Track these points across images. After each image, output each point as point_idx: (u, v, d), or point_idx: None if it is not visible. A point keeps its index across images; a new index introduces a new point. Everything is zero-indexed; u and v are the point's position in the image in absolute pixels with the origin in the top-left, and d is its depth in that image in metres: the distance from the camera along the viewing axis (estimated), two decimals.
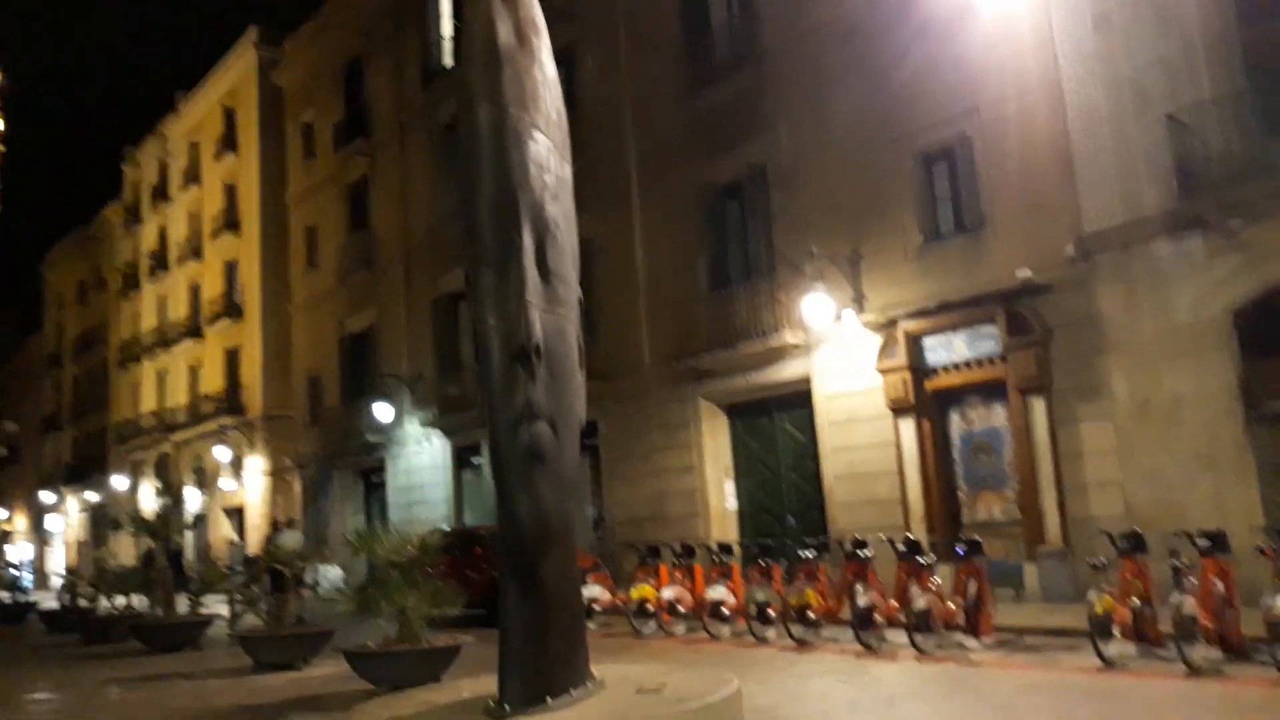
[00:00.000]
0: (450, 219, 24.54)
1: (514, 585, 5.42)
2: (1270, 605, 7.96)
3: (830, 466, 15.63)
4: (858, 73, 15.39)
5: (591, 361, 21.26)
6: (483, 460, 23.52)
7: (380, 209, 27.86)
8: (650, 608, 13.34)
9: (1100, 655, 8.78)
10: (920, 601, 10.16)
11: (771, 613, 11.80)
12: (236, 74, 36.72)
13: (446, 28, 25.91)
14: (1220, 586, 8.88)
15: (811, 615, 11.39)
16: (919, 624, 10.12)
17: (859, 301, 15.12)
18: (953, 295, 13.93)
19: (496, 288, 5.37)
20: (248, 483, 33.96)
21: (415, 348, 25.88)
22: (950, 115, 14.24)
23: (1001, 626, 10.79)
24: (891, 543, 11.66)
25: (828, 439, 15.68)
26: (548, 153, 5.84)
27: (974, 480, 14.20)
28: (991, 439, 14.01)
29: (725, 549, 13.60)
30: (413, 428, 25.51)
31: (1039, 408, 13.16)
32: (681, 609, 13.09)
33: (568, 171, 6.17)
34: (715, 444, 17.88)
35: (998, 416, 13.93)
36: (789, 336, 15.81)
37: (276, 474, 32.85)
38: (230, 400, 34.85)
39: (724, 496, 17.77)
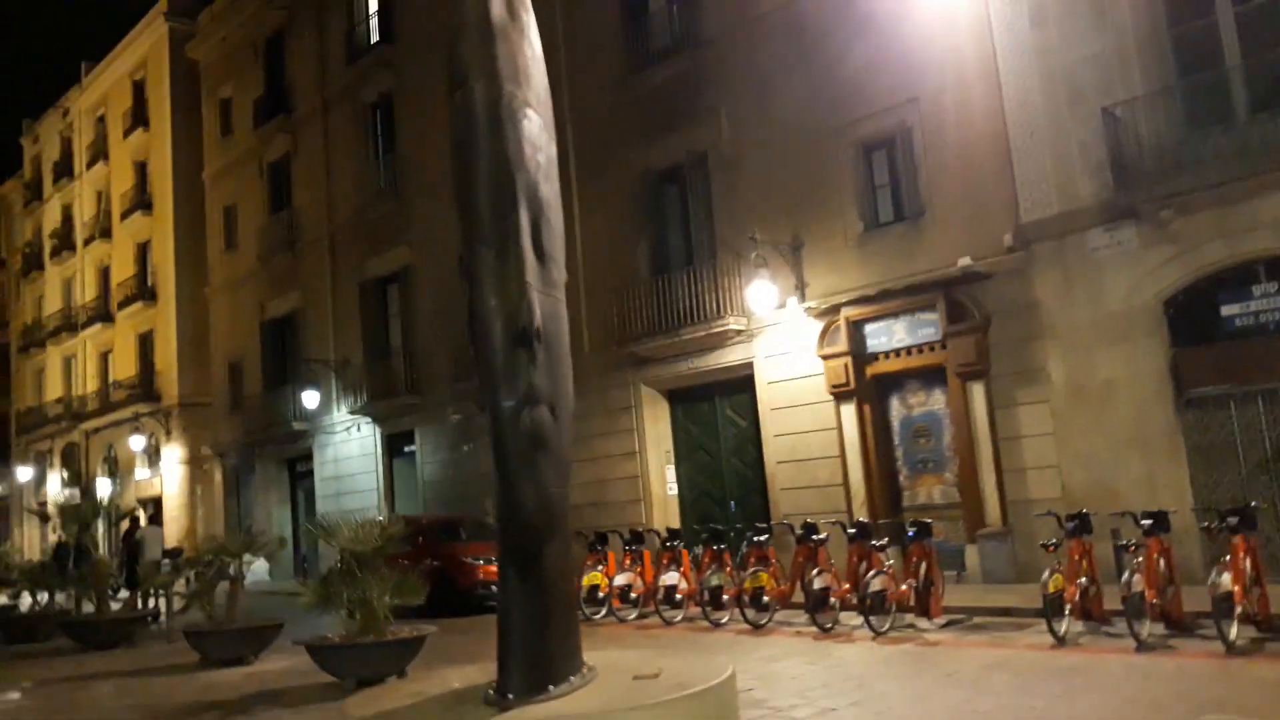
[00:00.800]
0: (378, 200, 24.05)
1: (515, 572, 5.36)
2: (1216, 581, 8.33)
3: (772, 451, 15.81)
4: (800, 61, 15.52)
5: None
6: (415, 448, 23.19)
7: (303, 188, 27.14)
8: (601, 594, 13.36)
9: (1054, 633, 9.08)
10: (875, 583, 10.36)
11: (726, 597, 11.91)
12: (146, 46, 35.34)
13: (373, 3, 25.29)
14: (1163, 564, 9.25)
15: (765, 599, 11.54)
16: (874, 606, 10.33)
17: (801, 288, 15.29)
18: (893, 282, 14.18)
19: (496, 269, 5.28)
20: (164, 472, 32.87)
21: (342, 332, 25.32)
22: (891, 105, 14.46)
23: (948, 607, 11.08)
24: (842, 526, 11.88)
25: (770, 424, 15.85)
26: (539, 131, 5.78)
27: (914, 464, 14.52)
28: (931, 423, 14.34)
29: (675, 535, 13.68)
30: (340, 415, 24.99)
31: (978, 392, 13.51)
32: (633, 595, 13.14)
33: (554, 150, 6.10)
34: (656, 430, 17.92)
35: (937, 401, 14.26)
36: (732, 322, 15.92)
37: (194, 463, 31.88)
38: (144, 387, 33.66)
39: (665, 482, 17.84)
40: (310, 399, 24.32)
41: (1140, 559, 9.11)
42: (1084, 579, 9.75)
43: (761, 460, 16.23)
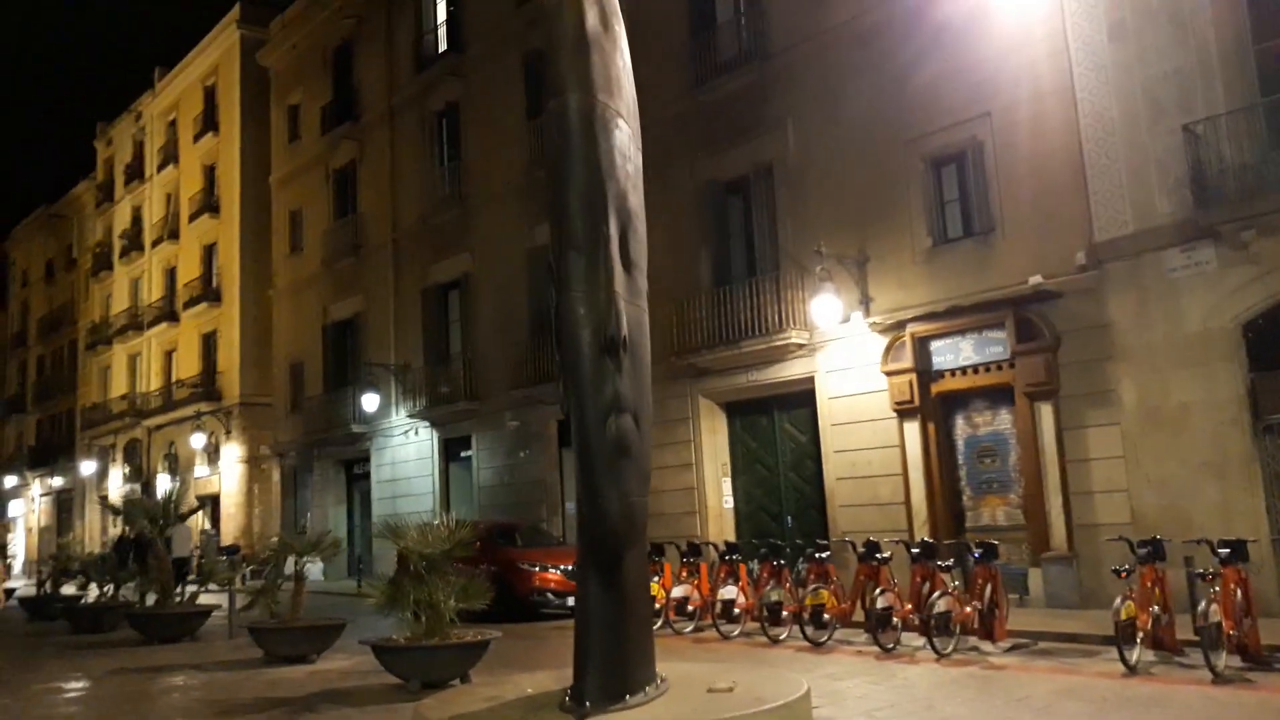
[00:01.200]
0: (442, 206, 24.33)
1: (596, 579, 5.37)
2: None
3: (832, 468, 15.67)
4: (868, 74, 15.42)
5: None
6: (471, 453, 23.37)
7: (368, 194, 27.56)
8: (657, 606, 13.30)
9: (1125, 661, 8.86)
10: (940, 604, 10.20)
11: (785, 613, 11.82)
12: (218, 53, 36.17)
13: (440, 13, 25.65)
14: (1240, 595, 9.00)
15: (826, 617, 11.42)
16: (939, 627, 10.17)
17: (865, 303, 15.16)
18: (962, 299, 14.00)
19: (586, 277, 5.32)
20: (223, 470, 33.49)
21: (403, 337, 25.63)
22: (962, 119, 14.30)
23: (1012, 631, 10.89)
24: (906, 545, 11.73)
25: (830, 440, 15.71)
26: (628, 141, 5.83)
27: (977, 484, 14.30)
28: (996, 443, 14.11)
29: (732, 548, 13.61)
30: (399, 419, 25.27)
31: (1046, 413, 13.27)
32: (690, 607, 13.09)
33: (640, 160, 6.14)
34: (714, 442, 17.86)
35: (1003, 421, 14.03)
36: (794, 335, 15.82)
37: (253, 462, 32.43)
38: (206, 386, 34.36)
39: (722, 495, 17.76)
40: (370, 402, 24.63)
41: (1217, 588, 8.87)
42: (1156, 607, 9.51)
43: (820, 476, 16.10)
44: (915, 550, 11.38)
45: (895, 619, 10.78)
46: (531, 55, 21.95)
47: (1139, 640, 9.10)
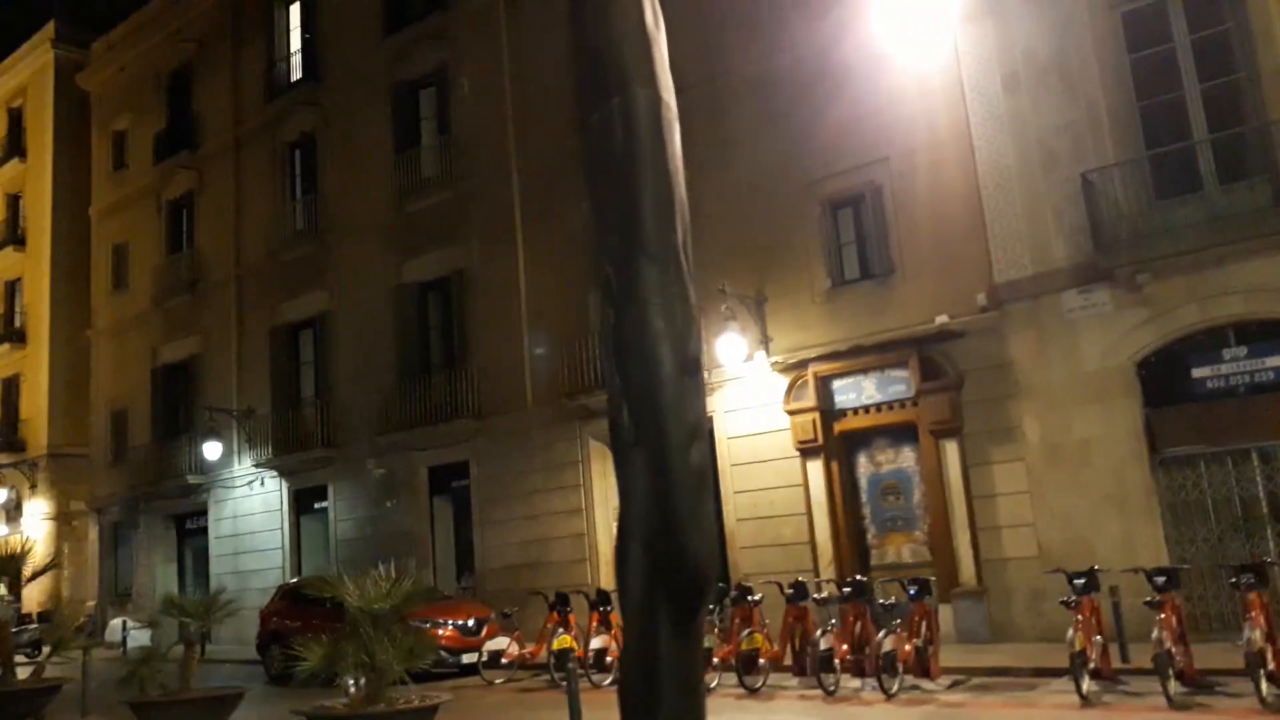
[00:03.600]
0: (295, 241, 22.90)
1: (672, 631, 4.76)
2: (1250, 638, 8.35)
3: (733, 509, 15.45)
4: (767, 117, 15.55)
5: (465, 397, 20.19)
6: (327, 504, 21.85)
7: (208, 228, 25.69)
8: (574, 659, 12.62)
9: (1079, 692, 8.93)
10: (887, 644, 10.05)
11: (716, 659, 11.41)
12: (27, 73, 33.21)
13: (294, 41, 24.39)
14: (1175, 621, 9.27)
15: (761, 661, 11.09)
16: (885, 666, 10.01)
17: (765, 343, 15.13)
18: (864, 338, 14.17)
19: (662, 288, 4.78)
20: (26, 529, 30.09)
21: (248, 380, 23.84)
22: (860, 164, 14.59)
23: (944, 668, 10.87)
24: (838, 585, 11.59)
25: (730, 481, 15.51)
26: (679, 143, 5.36)
27: (882, 522, 14.40)
28: (900, 481, 14.27)
29: (604, 596, 13.30)
30: (243, 468, 23.41)
31: (952, 450, 13.53)
32: (609, 659, 12.47)
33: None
34: (605, 485, 17.32)
35: (906, 458, 14.22)
36: None
37: (63, 519, 29.33)
38: (6, 435, 30.91)
39: (613, 541, 17.19)
40: (212, 450, 22.70)
41: (1162, 616, 9.09)
42: (1098, 637, 9.71)
43: (720, 518, 15.85)
44: (846, 590, 11.24)
45: (837, 660, 10.57)
46: (400, 88, 21.13)
47: (1088, 670, 9.21)
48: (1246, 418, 11.77)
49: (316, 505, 22.26)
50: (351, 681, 7.52)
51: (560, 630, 13.29)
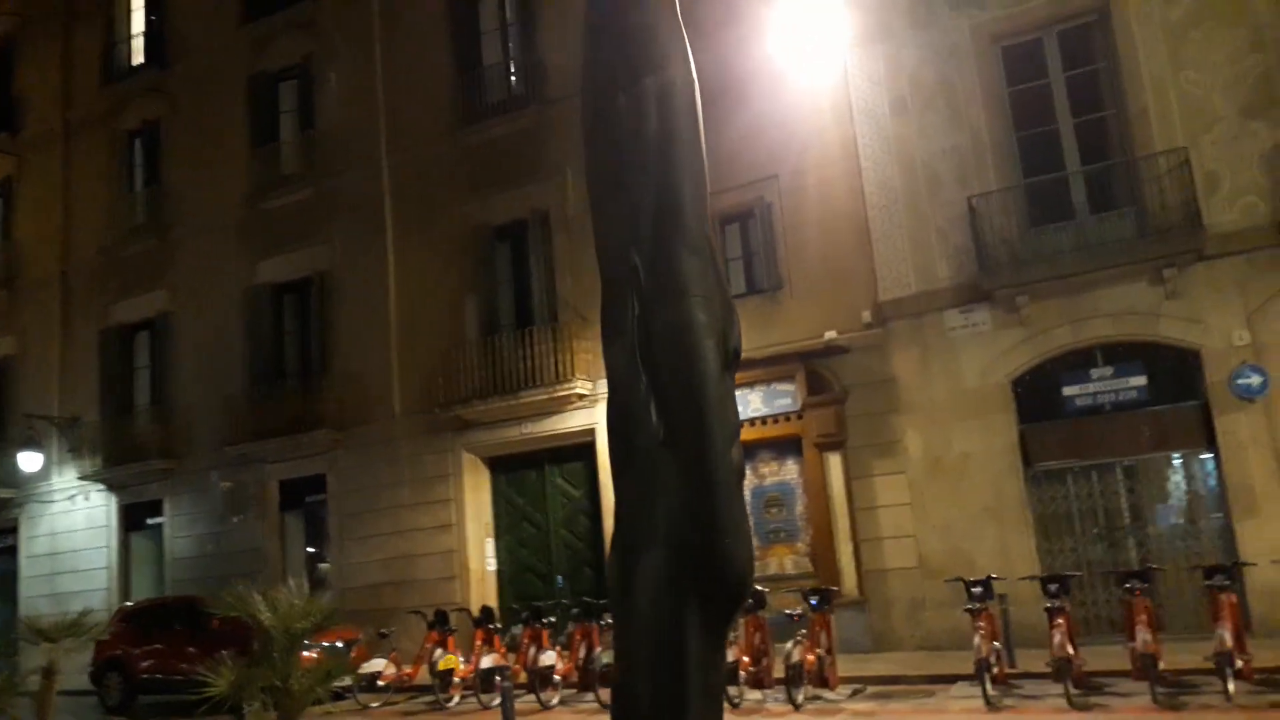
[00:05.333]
0: (132, 237, 21.20)
1: (705, 639, 4.48)
2: (1146, 639, 8.77)
3: (612, 523, 15.18)
4: None
5: (323, 408, 19.12)
6: (162, 520, 20.22)
7: (28, 219, 23.43)
8: (457, 679, 12.07)
9: (986, 697, 9.15)
10: (795, 654, 10.03)
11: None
12: None
13: (137, 23, 22.69)
14: (1067, 627, 9.65)
15: None
16: (793, 677, 9.98)
17: None
18: (752, 352, 14.15)
19: (703, 280, 4.51)
20: None
21: (71, 385, 21.83)
22: (750, 180, 14.71)
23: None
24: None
25: (611, 494, 15.22)
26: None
27: (764, 534, 14.47)
28: (783, 493, 14.40)
29: (488, 614, 13.04)
30: (64, 481, 21.39)
31: (835, 463, 13.77)
32: (498, 679, 11.94)
33: None
34: (477, 500, 16.75)
35: (789, 471, 14.37)
36: (578, 386, 15.31)
37: None
38: None
39: (484, 557, 16.64)
40: (29, 461, 20.64)
41: (1060, 622, 9.44)
42: (997, 643, 10.00)
43: (597, 532, 15.60)
44: (749, 602, 11.17)
45: (742, 673, 10.47)
46: (259, 79, 19.97)
47: (990, 675, 9.45)
48: (1111, 434, 12.49)
49: (149, 521, 20.54)
50: (254, 708, 6.83)
51: (441, 650, 12.70)
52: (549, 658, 11.27)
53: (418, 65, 17.94)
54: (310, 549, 18.75)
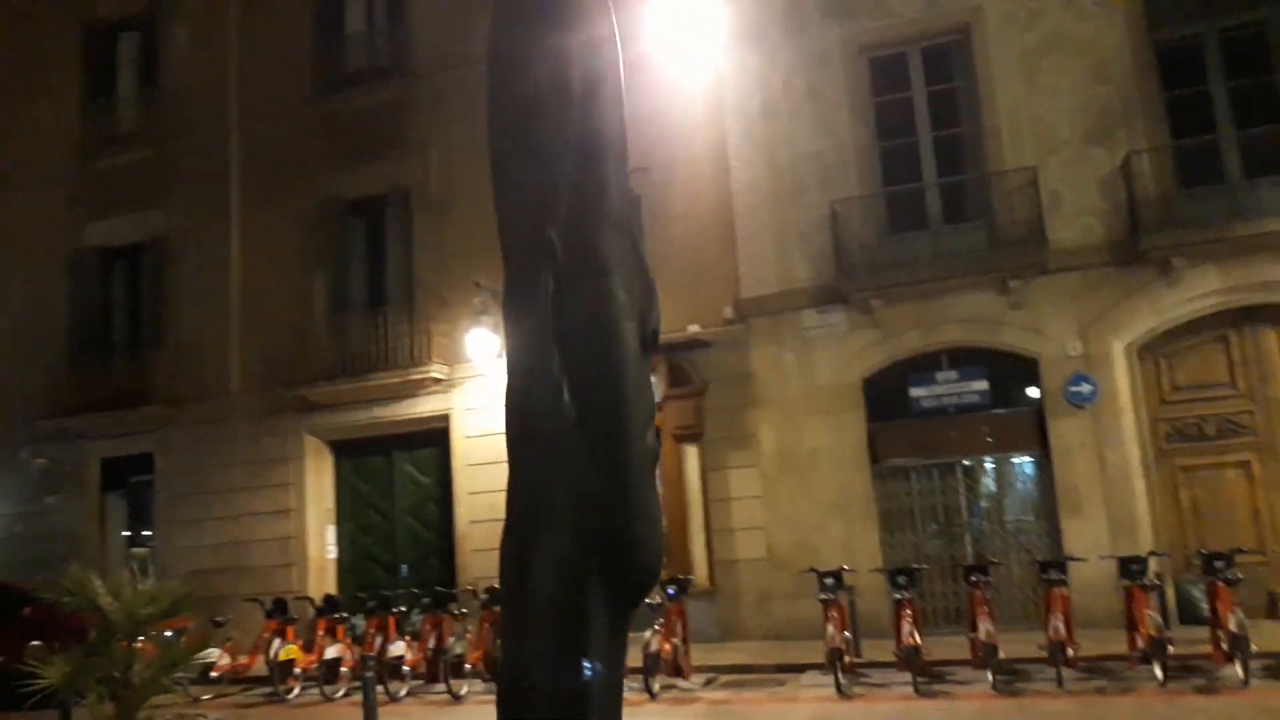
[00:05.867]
0: None
1: (610, 628, 4.33)
2: (989, 630, 9.22)
3: (466, 511, 14.89)
4: None
5: (153, 382, 18.04)
6: None
7: None
8: (298, 669, 11.53)
9: (838, 685, 9.41)
10: (654, 644, 10.04)
11: (468, 666, 10.87)
12: None
13: None
14: (913, 617, 10.04)
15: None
16: (650, 667, 9.98)
17: None
18: None
19: (624, 256, 4.37)
20: None
21: None
22: None
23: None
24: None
25: (465, 481, 14.94)
26: None
27: None
28: None
29: (333, 603, 12.61)
30: None
31: (692, 455, 13.92)
32: (343, 668, 11.48)
33: None
34: (319, 485, 16.06)
35: None
36: (434, 370, 14.89)
37: None
38: None
39: (324, 544, 15.97)
40: None
41: (908, 613, 9.81)
42: (847, 633, 10.31)
43: (445, 520, 15.25)
44: None
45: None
46: (96, 28, 18.54)
47: (841, 664, 9.73)
48: (953, 434, 13.10)
49: None
50: (89, 701, 6.27)
51: (279, 640, 12.10)
52: (399, 648, 10.90)
53: (275, 26, 17.06)
54: (131, 532, 17.57)
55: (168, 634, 12.42)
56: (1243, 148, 12.50)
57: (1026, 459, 12.93)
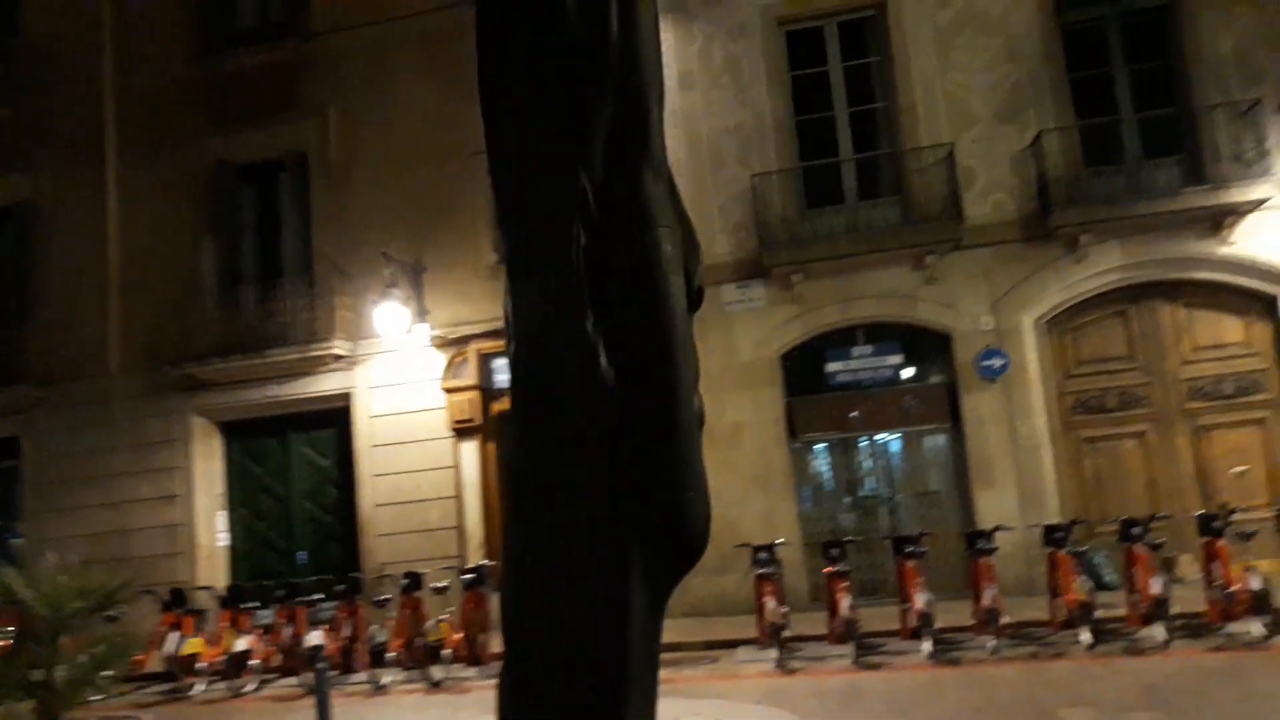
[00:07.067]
0: None
1: (649, 603, 4.04)
2: (929, 599, 9.31)
3: (370, 493, 14.26)
4: (432, 76, 14.59)
5: (20, 361, 16.79)
6: None
7: None
8: (202, 664, 10.82)
9: (779, 661, 9.38)
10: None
11: (389, 654, 10.39)
12: None
13: None
14: (848, 590, 10.08)
15: (445, 652, 10.29)
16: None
17: (422, 315, 14.17)
18: None
19: (669, 212, 4.04)
20: None
21: None
22: None
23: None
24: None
25: (369, 463, 14.30)
26: None
27: None
28: None
29: (238, 592, 12.18)
30: None
31: None
32: (252, 661, 10.82)
33: None
34: (208, 469, 15.12)
35: None
36: (336, 347, 14.16)
37: None
38: None
39: (214, 532, 15.06)
40: None
41: (845, 584, 9.84)
42: (785, 606, 10.27)
43: (347, 504, 14.59)
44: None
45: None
46: None
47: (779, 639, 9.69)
48: (868, 409, 13.24)
49: None
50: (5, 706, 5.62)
51: (177, 633, 11.37)
52: (316, 637, 10.31)
53: None
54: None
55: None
56: (1141, 129, 12.98)
57: (940, 432, 13.17)
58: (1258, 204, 12.07)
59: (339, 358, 14.35)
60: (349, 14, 14.93)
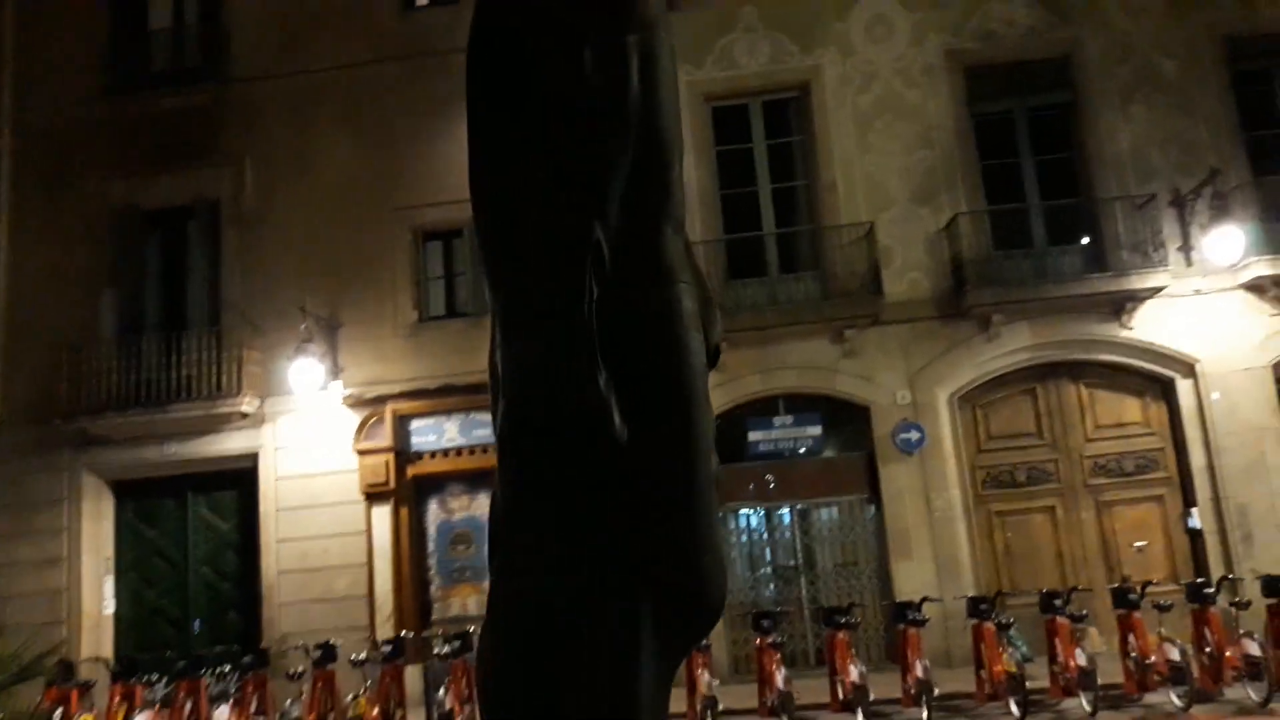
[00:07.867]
0: None
1: (659, 672, 3.89)
2: (862, 671, 9.33)
3: (275, 559, 13.61)
4: (351, 130, 14.37)
5: None
6: None
7: None
8: None
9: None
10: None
11: None
12: None
13: None
14: (780, 662, 10.03)
15: None
16: None
17: (337, 373, 13.75)
18: (455, 378, 13.52)
19: (686, 265, 3.97)
20: None
21: None
22: (456, 198, 14.03)
23: None
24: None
25: (274, 527, 13.67)
26: None
27: (449, 573, 13.72)
28: (472, 529, 13.74)
29: (131, 666, 11.19)
30: None
31: None
32: None
33: None
34: (97, 531, 14.20)
35: (480, 506, 13.75)
36: (244, 404, 13.58)
37: None
38: None
39: (101, 599, 14.11)
40: None
41: (778, 656, 9.79)
42: (716, 680, 10.14)
43: (248, 570, 13.90)
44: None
45: None
46: None
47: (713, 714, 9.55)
48: (789, 478, 13.38)
49: None
50: None
51: (62, 710, 10.51)
52: (223, 714, 9.69)
53: (64, 13, 15.24)
54: None
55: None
56: (1048, 216, 13.68)
57: (860, 503, 13.38)
58: (1155, 291, 12.80)
59: (245, 415, 13.76)
60: (271, 63, 14.63)
